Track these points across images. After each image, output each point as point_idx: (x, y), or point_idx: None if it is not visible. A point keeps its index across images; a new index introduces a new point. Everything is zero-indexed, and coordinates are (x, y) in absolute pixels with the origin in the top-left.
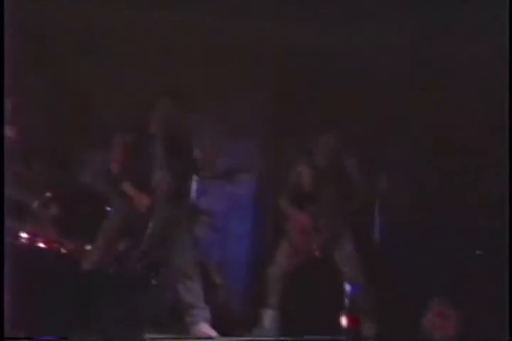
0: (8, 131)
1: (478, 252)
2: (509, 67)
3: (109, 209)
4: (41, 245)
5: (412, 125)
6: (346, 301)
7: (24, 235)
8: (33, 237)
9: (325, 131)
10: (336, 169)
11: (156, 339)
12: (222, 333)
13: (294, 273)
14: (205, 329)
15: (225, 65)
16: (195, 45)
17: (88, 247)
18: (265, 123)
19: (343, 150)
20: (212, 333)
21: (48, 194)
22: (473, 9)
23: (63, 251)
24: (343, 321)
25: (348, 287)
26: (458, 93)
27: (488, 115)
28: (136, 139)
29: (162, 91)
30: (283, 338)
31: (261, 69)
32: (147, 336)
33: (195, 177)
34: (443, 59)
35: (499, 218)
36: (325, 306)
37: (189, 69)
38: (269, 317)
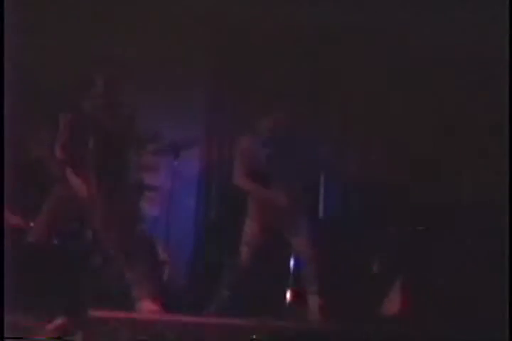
0: None
1: (420, 228)
2: (509, 67)
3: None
4: None
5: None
6: (292, 275)
7: None
8: None
9: (274, 107)
10: (286, 146)
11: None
12: (167, 310)
13: (260, 250)
14: (150, 305)
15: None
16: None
17: (32, 223)
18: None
19: (292, 127)
20: (157, 309)
21: None
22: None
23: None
24: (289, 294)
25: (293, 261)
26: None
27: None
28: (76, 118)
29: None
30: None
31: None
32: (92, 312)
33: (140, 153)
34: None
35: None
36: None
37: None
38: (224, 294)
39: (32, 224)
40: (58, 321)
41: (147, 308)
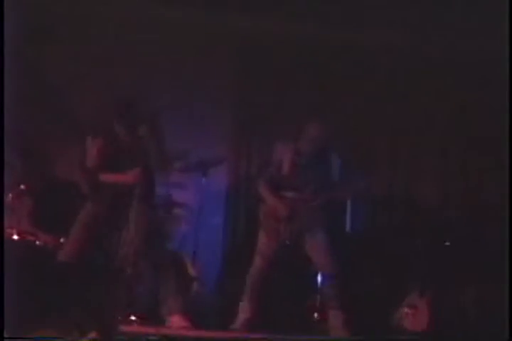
0: None
1: (446, 243)
2: (509, 67)
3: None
4: (15, 237)
5: (402, 122)
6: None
7: None
8: (7, 229)
9: (312, 119)
10: (318, 159)
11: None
12: (196, 325)
13: (274, 263)
14: (179, 321)
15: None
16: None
17: (62, 239)
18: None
19: (327, 140)
20: (187, 324)
21: (22, 186)
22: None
23: (38, 243)
24: (312, 309)
25: (319, 277)
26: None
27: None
28: (109, 134)
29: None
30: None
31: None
32: (122, 328)
33: (168, 170)
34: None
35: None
36: (298, 296)
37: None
38: (245, 311)
39: (62, 241)
40: (90, 337)
41: (177, 324)
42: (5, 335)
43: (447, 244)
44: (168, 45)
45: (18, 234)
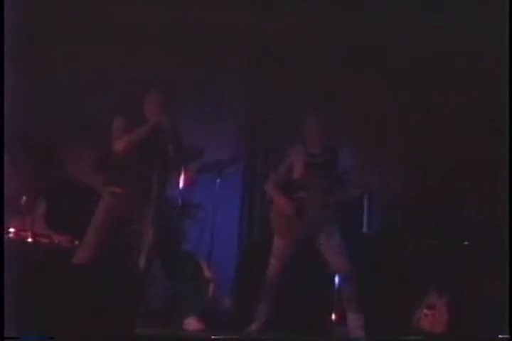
0: None
1: (466, 243)
2: (509, 67)
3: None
4: (30, 240)
5: (410, 122)
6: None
7: (12, 230)
8: (22, 232)
9: (321, 121)
10: (329, 159)
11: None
12: (212, 327)
13: (290, 265)
14: (196, 323)
15: (208, 54)
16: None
17: (77, 242)
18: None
19: (338, 141)
20: (202, 327)
21: (36, 188)
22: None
23: (52, 245)
24: (329, 312)
25: (336, 279)
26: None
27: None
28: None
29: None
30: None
31: (241, 57)
32: (138, 329)
33: (183, 171)
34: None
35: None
36: (314, 298)
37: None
38: (262, 313)
39: (76, 243)
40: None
41: (193, 326)
42: (5, 335)
43: (466, 243)
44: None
45: (32, 237)
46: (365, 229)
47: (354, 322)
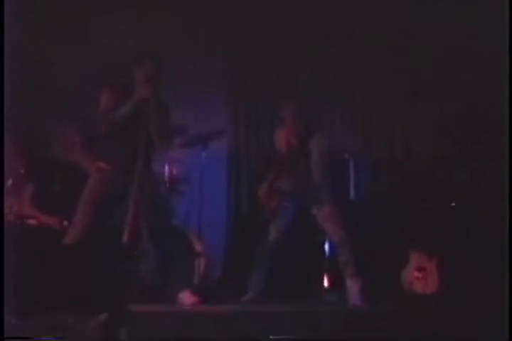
0: None
1: (452, 204)
2: (509, 67)
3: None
4: (17, 221)
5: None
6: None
7: None
8: (9, 213)
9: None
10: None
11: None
12: (206, 300)
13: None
14: (188, 297)
15: (193, 30)
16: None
17: (66, 222)
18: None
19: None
20: (196, 301)
21: (22, 170)
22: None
23: (40, 226)
24: (325, 279)
25: (328, 244)
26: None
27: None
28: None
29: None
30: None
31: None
32: (132, 307)
33: (168, 146)
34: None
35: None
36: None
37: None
38: (256, 283)
39: (66, 223)
40: (101, 318)
41: (186, 300)
42: (5, 335)
43: (453, 204)
44: None
45: (20, 218)
46: (352, 194)
47: (353, 287)
